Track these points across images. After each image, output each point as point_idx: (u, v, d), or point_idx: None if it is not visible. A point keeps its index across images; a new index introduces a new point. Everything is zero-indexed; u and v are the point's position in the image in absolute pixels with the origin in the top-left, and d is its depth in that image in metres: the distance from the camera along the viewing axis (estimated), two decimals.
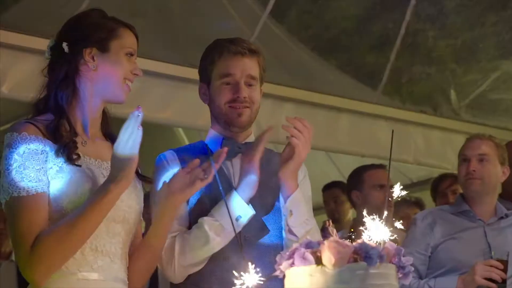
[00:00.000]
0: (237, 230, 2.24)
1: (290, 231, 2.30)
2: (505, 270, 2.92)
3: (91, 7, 2.14)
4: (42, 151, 1.93)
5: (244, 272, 1.66)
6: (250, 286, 1.65)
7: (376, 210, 4.00)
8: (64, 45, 2.02)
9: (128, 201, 2.03)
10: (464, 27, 4.91)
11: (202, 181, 2.09)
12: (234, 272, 2.19)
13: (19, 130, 1.94)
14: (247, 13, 4.67)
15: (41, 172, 1.92)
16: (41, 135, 1.95)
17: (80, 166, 1.96)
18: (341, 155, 5.55)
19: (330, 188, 4.98)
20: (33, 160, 1.91)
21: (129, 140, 1.89)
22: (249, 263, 1.66)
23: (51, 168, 1.93)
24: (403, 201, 4.62)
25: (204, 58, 2.44)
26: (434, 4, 4.77)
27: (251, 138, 2.45)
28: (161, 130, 5.68)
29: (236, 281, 1.66)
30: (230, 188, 2.29)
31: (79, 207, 1.89)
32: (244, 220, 2.26)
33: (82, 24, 2.05)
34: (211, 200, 2.31)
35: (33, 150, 1.92)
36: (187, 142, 5.97)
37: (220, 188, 1.95)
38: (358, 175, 4.08)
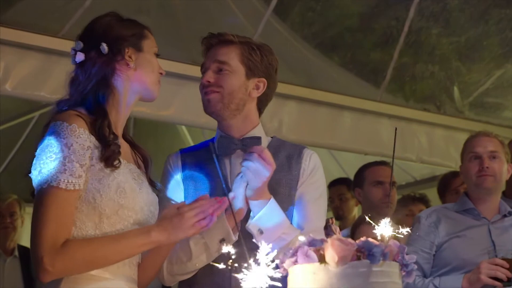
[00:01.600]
0: (219, 253, 2.19)
1: None
2: (510, 269, 2.92)
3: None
4: (87, 147, 1.95)
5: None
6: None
7: (375, 207, 4.02)
8: (104, 46, 2.05)
9: (150, 206, 2.07)
10: (467, 25, 4.90)
11: (203, 228, 2.05)
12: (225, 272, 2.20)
13: (69, 121, 1.95)
14: (250, 11, 4.66)
15: (83, 168, 1.93)
16: (88, 130, 1.97)
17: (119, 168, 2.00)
18: (344, 152, 5.55)
19: (335, 185, 4.95)
20: (79, 155, 1.92)
21: (194, 219, 1.99)
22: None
23: (93, 165, 1.95)
24: (407, 197, 4.61)
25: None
26: (437, 1, 4.76)
27: (253, 133, 2.39)
28: (164, 128, 5.69)
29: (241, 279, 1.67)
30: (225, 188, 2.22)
31: (118, 235, 1.94)
32: (228, 243, 2.17)
33: (116, 25, 2.09)
34: None
35: (80, 145, 1.93)
36: (190, 140, 5.98)
37: (224, 188, 1.95)
38: (360, 172, 4.10)
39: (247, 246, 1.78)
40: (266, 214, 2.22)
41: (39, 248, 1.87)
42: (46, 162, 1.91)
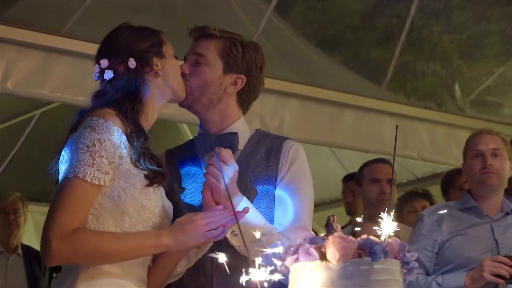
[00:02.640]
0: (197, 258, 2.19)
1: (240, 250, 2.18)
2: None
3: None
4: (118, 146, 1.98)
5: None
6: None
7: (372, 204, 4.02)
8: (132, 61, 2.10)
9: (167, 212, 2.10)
10: (469, 23, 4.89)
11: (214, 238, 2.06)
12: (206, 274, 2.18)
13: (105, 117, 1.99)
14: (251, 9, 4.66)
15: (112, 166, 1.96)
16: (123, 130, 2.01)
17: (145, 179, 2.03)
18: (345, 150, 5.55)
19: (348, 180, 4.83)
20: (109, 152, 1.96)
21: (206, 228, 2.01)
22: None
23: (121, 164, 1.98)
24: (410, 193, 4.60)
25: None
26: None
27: (230, 129, 2.34)
28: (165, 126, 5.69)
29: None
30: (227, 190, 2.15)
31: (129, 233, 1.97)
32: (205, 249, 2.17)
33: (136, 38, 2.15)
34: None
35: (112, 143, 1.96)
36: (191, 138, 5.97)
37: (225, 185, 1.95)
38: (359, 171, 4.11)
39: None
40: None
41: (50, 232, 1.90)
42: (77, 153, 1.94)
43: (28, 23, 3.82)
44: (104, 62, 2.11)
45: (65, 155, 1.98)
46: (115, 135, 1.97)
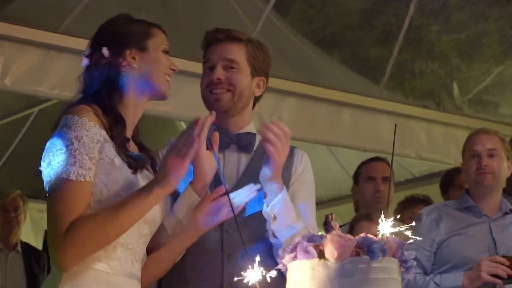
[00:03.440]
0: (185, 220, 2.17)
1: (274, 235, 2.24)
2: (510, 266, 2.92)
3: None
4: (97, 140, 1.96)
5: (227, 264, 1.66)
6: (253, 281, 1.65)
7: (368, 203, 4.03)
8: (104, 49, 2.08)
9: (158, 205, 2.06)
10: (467, 22, 4.89)
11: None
12: (214, 265, 2.19)
13: (80, 114, 1.96)
14: (250, 7, 4.66)
15: (93, 161, 1.94)
16: (99, 124, 1.99)
17: (129, 168, 2.01)
18: (343, 149, 5.55)
19: None
20: (89, 148, 1.94)
21: (185, 146, 1.95)
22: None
23: (102, 159, 1.96)
24: (411, 198, 4.60)
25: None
26: None
27: (247, 129, 2.40)
28: (163, 124, 5.69)
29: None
30: (218, 181, 2.21)
31: (120, 201, 1.92)
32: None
33: (118, 27, 2.12)
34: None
35: (90, 138, 1.94)
36: None
37: (223, 179, 1.96)
38: (357, 169, 4.12)
39: (243, 236, 1.80)
40: (280, 201, 2.21)
41: (52, 244, 1.89)
42: (56, 155, 1.93)
43: (27, 20, 3.81)
44: (87, 50, 2.12)
45: (46, 158, 1.96)
46: (91, 130, 1.95)
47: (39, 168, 2.00)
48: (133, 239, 2.01)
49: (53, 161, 1.93)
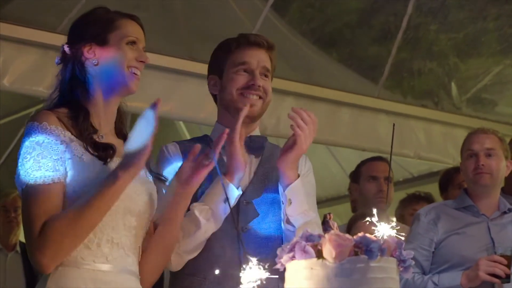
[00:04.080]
0: (226, 214, 2.25)
1: (288, 221, 2.29)
2: (509, 266, 2.93)
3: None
4: (61, 141, 1.96)
5: (242, 262, 1.66)
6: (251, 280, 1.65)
7: (369, 202, 4.03)
8: (65, 47, 2.08)
9: (143, 195, 2.06)
10: (466, 21, 4.89)
11: (207, 167, 2.10)
12: (230, 262, 2.21)
13: (39, 120, 1.96)
14: (248, 6, 4.66)
15: (59, 162, 1.94)
16: (61, 126, 1.98)
17: (99, 160, 1.99)
18: (342, 148, 5.55)
19: None
20: (52, 150, 1.94)
21: (142, 132, 1.93)
22: (247, 254, 1.67)
23: (70, 158, 1.95)
24: (412, 196, 4.61)
25: (219, 48, 2.46)
26: None
27: (256, 132, 2.45)
28: (162, 124, 5.68)
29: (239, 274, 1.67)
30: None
31: (87, 194, 1.91)
32: (231, 201, 2.23)
33: (79, 23, 2.11)
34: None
35: (52, 140, 1.94)
36: (188, 136, 5.97)
37: (219, 173, 1.97)
38: (357, 168, 4.12)
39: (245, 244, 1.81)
40: (294, 188, 2.27)
41: (29, 247, 1.90)
42: (23, 164, 1.94)
43: (25, 20, 3.81)
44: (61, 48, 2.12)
45: (17, 169, 1.97)
46: (53, 133, 1.94)
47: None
48: (120, 233, 1.99)
49: (21, 171, 1.94)
